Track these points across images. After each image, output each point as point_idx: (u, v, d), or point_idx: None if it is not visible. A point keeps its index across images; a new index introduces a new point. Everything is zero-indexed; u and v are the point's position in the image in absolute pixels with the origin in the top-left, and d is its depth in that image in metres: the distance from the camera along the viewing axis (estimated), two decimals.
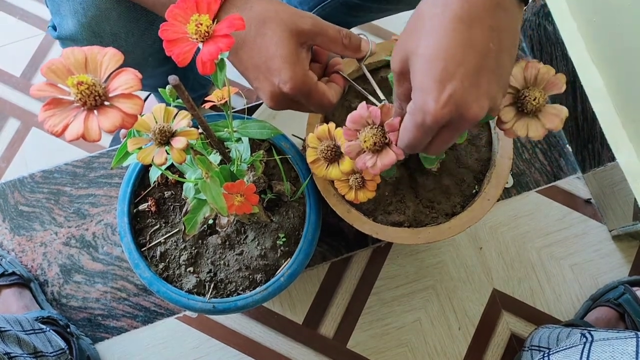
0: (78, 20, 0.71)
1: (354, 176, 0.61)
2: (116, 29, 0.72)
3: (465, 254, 1.06)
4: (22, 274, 0.96)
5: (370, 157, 0.48)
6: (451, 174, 0.77)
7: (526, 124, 0.44)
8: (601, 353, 0.54)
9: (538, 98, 0.43)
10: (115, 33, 0.73)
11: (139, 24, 0.74)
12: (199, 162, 0.51)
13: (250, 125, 0.59)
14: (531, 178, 1.08)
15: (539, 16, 1.07)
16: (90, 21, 0.71)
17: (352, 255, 1.05)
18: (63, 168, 1.03)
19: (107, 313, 0.99)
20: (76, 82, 0.34)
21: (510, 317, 1.04)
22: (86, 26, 0.71)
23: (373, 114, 0.48)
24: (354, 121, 0.49)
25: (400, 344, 1.02)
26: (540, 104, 0.43)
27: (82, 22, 0.71)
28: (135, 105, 0.35)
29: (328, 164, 0.57)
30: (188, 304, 0.71)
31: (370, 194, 0.61)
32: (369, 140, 0.47)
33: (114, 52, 0.36)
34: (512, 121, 0.44)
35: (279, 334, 1.02)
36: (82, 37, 0.72)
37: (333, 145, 0.56)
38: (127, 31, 0.73)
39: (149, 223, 0.75)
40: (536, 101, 0.43)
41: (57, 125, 0.35)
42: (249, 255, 0.74)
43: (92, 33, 0.72)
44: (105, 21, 0.71)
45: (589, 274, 1.05)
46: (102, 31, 0.72)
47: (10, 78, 1.28)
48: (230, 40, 0.38)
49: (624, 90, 0.96)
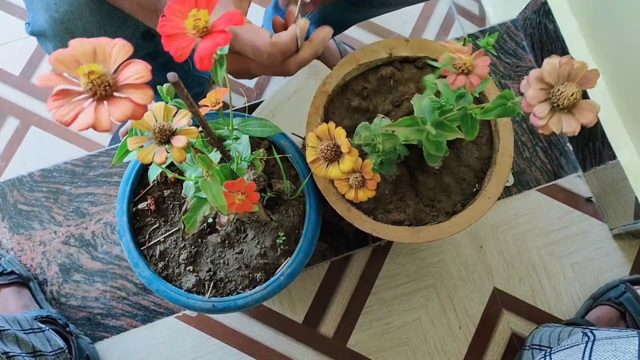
0: (50, 15, 0.70)
1: (354, 175, 0.61)
2: (88, 25, 0.72)
3: (466, 252, 1.06)
4: (21, 273, 0.95)
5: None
6: (452, 173, 0.77)
7: (561, 120, 0.44)
8: (603, 352, 0.54)
9: (575, 94, 0.43)
10: (88, 30, 0.72)
11: (112, 20, 0.73)
12: (200, 160, 0.50)
13: (250, 123, 0.59)
14: (532, 177, 1.08)
15: (540, 14, 1.07)
16: (62, 17, 0.70)
17: (352, 254, 1.05)
18: (62, 167, 1.03)
19: (107, 312, 0.99)
20: (87, 71, 0.34)
21: (510, 316, 1.04)
22: (58, 22, 0.70)
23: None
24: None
25: (401, 343, 1.02)
26: (577, 100, 0.43)
27: (54, 17, 0.70)
28: (146, 95, 0.35)
29: (328, 163, 0.56)
30: (187, 303, 0.71)
31: (371, 193, 0.61)
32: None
33: (123, 43, 0.36)
34: (548, 117, 0.44)
35: (278, 333, 1.02)
36: (54, 32, 0.72)
37: (333, 145, 0.56)
38: (99, 28, 0.72)
39: (148, 222, 0.75)
40: (573, 96, 0.43)
41: (66, 115, 0.34)
42: (248, 254, 0.74)
43: (64, 29, 0.71)
44: (78, 17, 0.70)
45: (590, 273, 1.05)
46: (74, 27, 0.71)
47: (10, 77, 1.28)
48: (227, 35, 0.38)
49: (625, 89, 0.96)
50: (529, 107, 0.44)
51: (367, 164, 0.59)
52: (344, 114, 0.79)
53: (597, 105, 0.44)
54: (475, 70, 0.52)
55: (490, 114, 0.55)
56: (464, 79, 0.52)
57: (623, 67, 0.95)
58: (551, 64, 0.44)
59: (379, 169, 0.67)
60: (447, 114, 0.59)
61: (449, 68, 0.52)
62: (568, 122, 0.43)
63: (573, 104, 0.43)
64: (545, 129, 0.44)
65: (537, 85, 0.44)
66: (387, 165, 0.67)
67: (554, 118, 0.44)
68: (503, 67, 1.12)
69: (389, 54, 0.78)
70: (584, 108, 0.44)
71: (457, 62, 0.51)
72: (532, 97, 0.44)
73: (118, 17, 0.73)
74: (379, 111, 0.79)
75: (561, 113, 0.44)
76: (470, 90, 0.53)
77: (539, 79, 0.44)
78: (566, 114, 0.44)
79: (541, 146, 1.09)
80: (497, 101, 0.55)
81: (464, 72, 0.52)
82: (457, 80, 0.52)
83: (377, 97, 0.79)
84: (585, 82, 0.44)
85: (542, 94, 0.44)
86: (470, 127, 0.57)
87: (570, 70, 0.44)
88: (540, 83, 0.44)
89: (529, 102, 0.44)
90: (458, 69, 0.52)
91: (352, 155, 0.55)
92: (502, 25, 1.14)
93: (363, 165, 0.60)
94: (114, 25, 0.73)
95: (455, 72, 0.52)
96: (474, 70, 0.52)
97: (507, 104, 0.54)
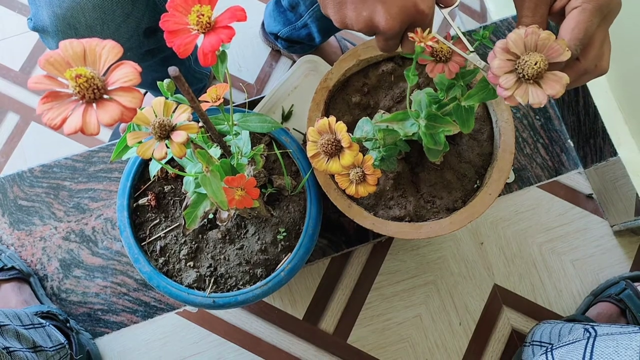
0: (53, 11, 0.70)
1: (354, 170, 0.60)
2: (91, 21, 0.71)
3: (466, 249, 1.06)
4: (22, 269, 0.95)
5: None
6: (453, 169, 0.77)
7: (527, 91, 0.43)
8: (605, 348, 0.54)
9: (539, 62, 0.42)
10: (91, 25, 0.72)
11: (114, 16, 0.72)
12: (200, 156, 0.50)
13: (250, 119, 0.59)
14: (532, 173, 1.08)
15: None
16: (65, 12, 0.70)
17: (353, 250, 1.05)
18: (62, 162, 1.03)
19: (107, 308, 0.99)
20: (74, 75, 0.34)
21: (511, 313, 1.04)
22: (61, 17, 0.70)
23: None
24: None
25: (401, 339, 1.02)
26: (541, 69, 0.42)
27: (57, 13, 0.70)
28: (135, 98, 0.34)
29: (328, 158, 0.56)
30: (188, 298, 0.71)
31: (371, 188, 0.61)
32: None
33: (112, 45, 0.36)
34: (513, 87, 0.43)
35: (279, 329, 1.02)
36: (57, 28, 0.72)
37: (333, 139, 0.56)
38: (102, 23, 0.72)
39: (148, 217, 0.75)
40: (537, 65, 0.42)
41: (55, 118, 0.34)
42: (249, 249, 0.74)
43: (66, 25, 0.71)
44: (80, 12, 0.70)
45: (590, 270, 1.05)
46: (77, 23, 0.71)
47: (9, 72, 1.28)
48: (231, 31, 0.37)
49: (626, 85, 0.96)
50: (494, 77, 0.43)
51: (368, 159, 0.59)
52: (345, 110, 0.78)
53: (564, 76, 0.43)
54: (453, 57, 0.53)
55: (473, 99, 0.55)
56: (442, 67, 0.52)
57: (625, 64, 0.94)
58: (517, 34, 0.43)
59: (380, 165, 0.67)
60: (444, 107, 0.59)
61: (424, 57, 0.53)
62: (534, 93, 0.42)
63: (539, 74, 0.42)
64: (511, 100, 0.43)
65: (502, 56, 0.43)
66: (388, 161, 0.67)
67: (520, 89, 0.43)
68: None
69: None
70: (550, 79, 0.43)
71: (434, 51, 0.51)
72: (498, 68, 0.43)
73: (120, 13, 0.72)
74: (380, 107, 0.79)
75: (527, 84, 0.43)
76: (449, 77, 0.52)
77: (504, 49, 0.43)
78: (533, 84, 0.43)
79: (542, 143, 1.08)
80: (478, 85, 0.54)
81: (441, 60, 0.52)
82: (435, 68, 0.52)
83: (378, 93, 0.79)
84: (552, 53, 0.43)
85: (508, 65, 0.43)
86: (465, 119, 0.57)
87: (537, 41, 0.43)
88: (506, 54, 0.43)
89: (495, 72, 0.43)
90: (436, 57, 0.52)
91: (352, 150, 0.55)
92: (503, 21, 1.14)
93: (363, 161, 0.59)
94: (116, 21, 0.73)
95: (433, 60, 0.53)
96: (452, 58, 0.53)
97: (489, 87, 0.53)
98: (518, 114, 1.09)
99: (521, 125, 1.09)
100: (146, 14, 0.75)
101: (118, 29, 0.74)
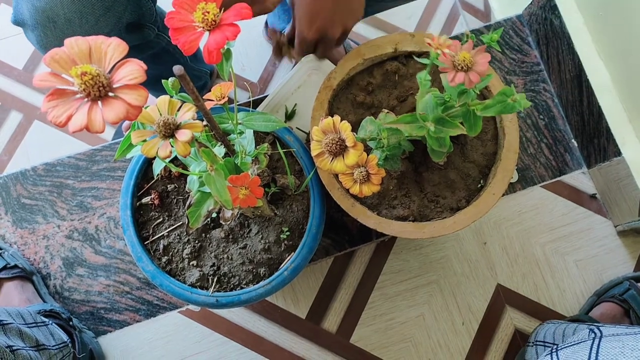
0: (32, 4, 0.70)
1: (358, 170, 0.60)
2: (70, 14, 0.71)
3: (470, 249, 1.06)
4: (25, 267, 0.96)
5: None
6: (456, 169, 0.76)
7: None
8: (611, 349, 0.54)
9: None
10: (69, 18, 0.71)
11: (94, 9, 0.72)
12: (204, 154, 0.50)
13: (255, 117, 0.59)
14: (536, 173, 1.07)
15: (545, 10, 1.06)
16: (44, 5, 0.69)
17: (356, 249, 1.04)
18: (65, 161, 1.03)
19: (110, 306, 0.99)
20: (80, 72, 0.34)
21: (514, 313, 1.04)
22: (40, 10, 0.70)
23: None
24: None
25: (404, 338, 1.02)
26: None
27: (37, 6, 0.70)
28: (140, 96, 0.34)
29: (333, 157, 0.56)
30: (191, 297, 0.71)
31: (375, 187, 0.61)
32: None
33: (118, 42, 0.36)
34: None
35: (282, 329, 1.02)
36: (36, 21, 0.71)
37: (338, 139, 0.55)
38: (80, 17, 0.71)
39: (152, 216, 0.75)
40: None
41: (60, 116, 0.34)
42: (252, 249, 0.73)
43: (46, 18, 0.70)
44: (59, 6, 0.70)
45: (594, 270, 1.05)
46: (56, 16, 0.70)
47: (12, 71, 1.28)
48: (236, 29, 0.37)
49: (630, 85, 0.95)
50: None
51: (372, 159, 0.59)
52: (349, 109, 0.78)
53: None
54: (475, 67, 0.52)
55: (490, 111, 0.55)
56: (463, 76, 0.52)
57: (629, 63, 0.94)
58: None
59: (384, 164, 0.67)
60: (450, 110, 0.59)
61: (438, 63, 0.52)
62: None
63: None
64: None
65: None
66: (391, 161, 0.67)
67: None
68: (508, 63, 1.11)
69: (394, 49, 0.77)
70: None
71: (456, 59, 0.52)
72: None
73: (100, 7, 0.71)
74: (384, 106, 0.78)
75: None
76: (469, 87, 0.52)
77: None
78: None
79: (546, 142, 1.08)
80: (497, 97, 0.55)
81: (463, 69, 0.52)
82: (457, 77, 0.52)
83: (382, 92, 0.79)
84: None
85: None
86: (472, 123, 0.57)
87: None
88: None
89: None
90: (457, 66, 0.52)
91: (356, 149, 0.55)
92: (507, 21, 1.14)
93: (367, 160, 0.59)
94: (96, 14, 0.72)
95: (454, 68, 0.52)
96: (473, 67, 0.52)
97: (507, 101, 0.54)
98: (522, 113, 1.09)
99: (525, 124, 1.08)
100: (128, 8, 0.75)
101: (97, 23, 0.73)
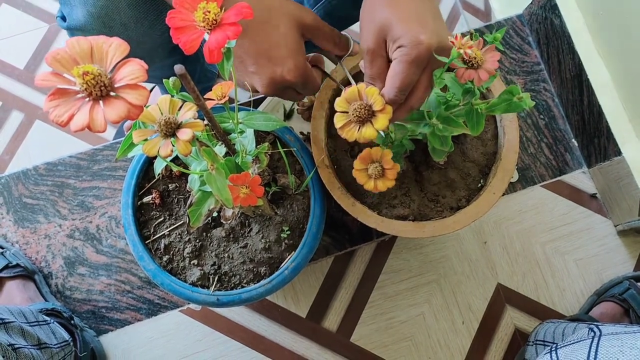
0: (88, 10, 0.71)
1: (373, 165, 0.60)
2: (125, 19, 0.72)
3: (470, 248, 1.06)
4: (26, 266, 0.96)
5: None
6: (457, 168, 0.77)
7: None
8: (610, 347, 0.54)
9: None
10: (125, 23, 0.73)
11: (148, 14, 0.73)
12: (205, 153, 0.50)
13: (255, 117, 0.59)
14: (536, 172, 1.08)
15: (546, 9, 1.06)
16: (100, 11, 0.70)
17: (356, 249, 1.05)
18: (67, 160, 1.03)
19: (111, 305, 0.99)
20: (82, 72, 0.34)
21: (514, 312, 1.04)
22: (96, 16, 0.71)
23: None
24: None
25: (404, 338, 1.02)
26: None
27: (92, 12, 0.71)
28: (141, 96, 0.35)
29: (360, 126, 0.56)
30: (192, 296, 0.71)
31: (390, 182, 0.61)
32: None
33: (119, 42, 0.36)
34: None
35: (282, 328, 1.02)
36: (92, 27, 0.72)
37: (366, 104, 0.55)
38: (136, 21, 0.73)
39: (153, 215, 0.75)
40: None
41: (62, 115, 0.34)
42: (253, 248, 0.74)
43: (101, 23, 0.72)
44: (115, 11, 0.71)
45: (594, 269, 1.05)
46: (112, 21, 0.72)
47: (14, 70, 1.28)
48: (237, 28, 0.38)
49: (630, 84, 0.95)
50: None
51: (387, 154, 0.59)
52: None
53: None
54: (484, 65, 0.53)
55: (496, 110, 0.55)
56: (472, 73, 0.52)
57: (629, 63, 0.94)
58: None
59: None
60: (453, 108, 0.59)
61: (457, 63, 0.52)
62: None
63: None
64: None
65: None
66: (395, 159, 0.67)
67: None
68: (509, 62, 1.11)
69: None
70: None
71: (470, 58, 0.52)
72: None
73: (154, 11, 0.73)
74: None
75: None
76: (479, 84, 0.53)
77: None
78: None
79: (546, 142, 1.08)
80: (503, 96, 0.55)
81: (473, 67, 0.52)
82: (466, 74, 0.52)
83: None
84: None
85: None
86: (475, 122, 0.57)
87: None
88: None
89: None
90: (467, 63, 0.52)
91: (386, 112, 0.55)
92: (507, 20, 1.14)
93: (382, 155, 0.59)
94: (150, 18, 0.74)
95: (464, 66, 0.52)
96: (483, 65, 0.52)
97: (512, 100, 0.54)
98: (522, 113, 1.09)
99: (525, 124, 1.09)
100: None
101: (151, 26, 0.75)
